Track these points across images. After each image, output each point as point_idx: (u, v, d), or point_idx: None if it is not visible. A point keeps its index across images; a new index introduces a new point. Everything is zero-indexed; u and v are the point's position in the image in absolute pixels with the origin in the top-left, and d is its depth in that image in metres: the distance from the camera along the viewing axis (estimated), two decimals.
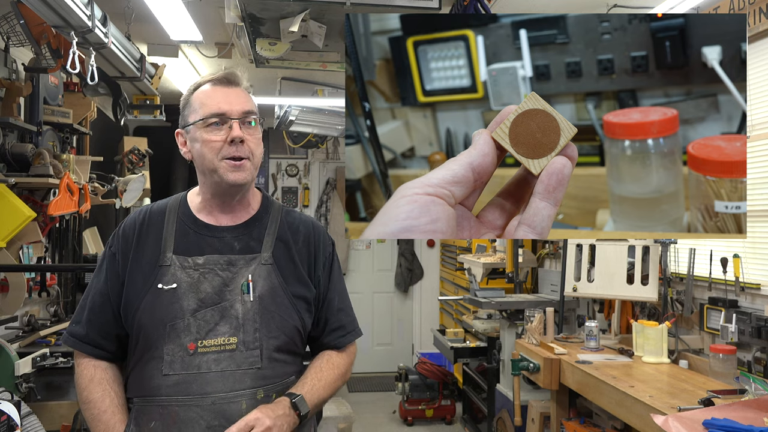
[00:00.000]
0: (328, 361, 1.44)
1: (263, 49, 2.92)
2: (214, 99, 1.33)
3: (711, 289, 2.67)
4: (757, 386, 2.09)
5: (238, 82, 1.37)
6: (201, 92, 1.35)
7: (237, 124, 1.31)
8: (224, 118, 1.31)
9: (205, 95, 1.34)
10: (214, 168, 1.32)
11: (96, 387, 1.32)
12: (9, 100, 2.83)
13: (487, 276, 4.35)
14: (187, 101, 1.37)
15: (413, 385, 4.91)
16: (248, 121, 1.34)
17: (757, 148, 2.53)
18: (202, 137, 1.32)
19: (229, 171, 1.31)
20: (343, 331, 1.48)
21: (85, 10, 2.31)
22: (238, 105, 1.32)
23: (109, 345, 1.36)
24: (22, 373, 2.38)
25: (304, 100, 4.51)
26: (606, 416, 2.77)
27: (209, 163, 1.32)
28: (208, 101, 1.33)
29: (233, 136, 1.30)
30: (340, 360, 1.46)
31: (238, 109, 1.32)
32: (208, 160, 1.32)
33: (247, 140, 1.32)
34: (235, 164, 1.31)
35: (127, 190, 3.91)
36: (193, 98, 1.36)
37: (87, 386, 1.33)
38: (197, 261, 1.33)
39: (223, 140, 1.30)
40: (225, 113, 1.31)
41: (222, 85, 1.35)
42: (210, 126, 1.31)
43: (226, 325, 1.30)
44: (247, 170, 1.33)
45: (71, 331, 1.37)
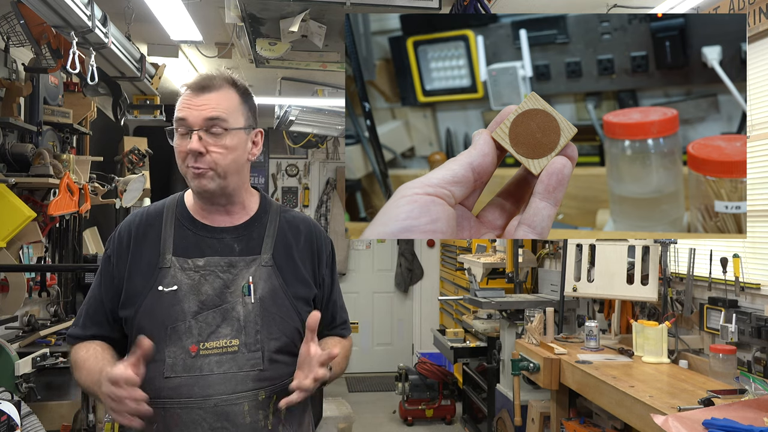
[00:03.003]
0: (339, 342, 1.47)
1: (263, 49, 2.92)
2: (181, 106, 1.30)
3: (711, 289, 2.67)
4: (757, 386, 2.09)
5: (214, 85, 1.31)
6: (181, 97, 1.33)
7: (195, 135, 1.27)
8: (186, 127, 1.29)
9: (180, 101, 1.32)
10: (184, 174, 1.33)
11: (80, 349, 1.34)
12: (9, 100, 2.83)
13: (487, 276, 4.35)
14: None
15: (413, 385, 4.91)
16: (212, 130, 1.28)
17: (757, 148, 2.53)
18: (175, 144, 1.32)
19: (193, 179, 1.31)
20: (345, 325, 1.54)
21: (85, 10, 2.31)
22: (200, 113, 1.28)
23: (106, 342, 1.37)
24: (22, 373, 2.38)
25: (304, 100, 4.51)
26: (606, 416, 2.77)
27: (180, 168, 1.33)
28: (178, 108, 1.31)
29: (189, 149, 1.27)
30: (345, 342, 1.52)
31: (200, 118, 1.27)
32: (178, 165, 1.33)
33: (210, 151, 1.28)
34: (196, 173, 1.30)
35: (127, 190, 3.91)
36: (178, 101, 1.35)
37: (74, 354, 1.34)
38: (197, 263, 1.32)
39: (186, 150, 1.29)
40: (185, 120, 1.28)
41: (193, 91, 1.30)
42: (179, 133, 1.30)
43: (227, 327, 1.30)
44: (211, 179, 1.30)
45: (71, 332, 1.39)
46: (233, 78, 1.35)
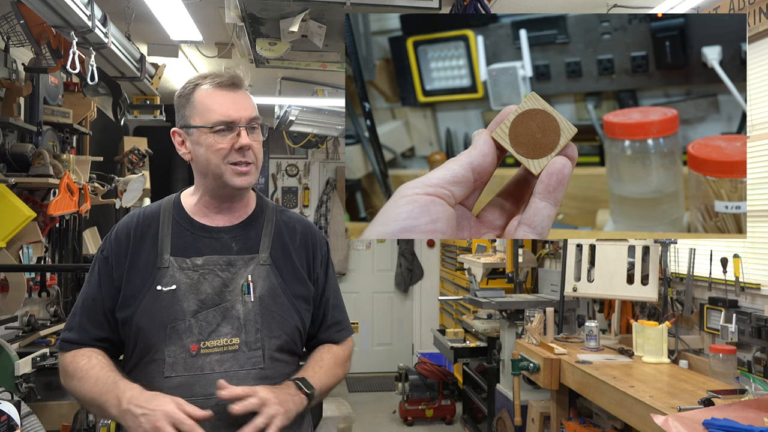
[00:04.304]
0: (327, 351, 1.45)
1: (263, 49, 2.92)
2: (222, 105, 1.30)
3: (711, 289, 2.67)
4: (757, 386, 2.09)
5: (243, 85, 1.35)
6: (205, 94, 1.32)
7: (245, 131, 1.30)
8: (232, 125, 1.30)
9: (211, 99, 1.31)
10: (220, 173, 1.31)
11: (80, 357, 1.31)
12: (9, 100, 2.83)
13: (487, 276, 4.35)
14: (188, 101, 1.33)
15: (413, 385, 4.91)
16: (253, 127, 1.33)
17: (757, 148, 2.53)
18: (207, 142, 1.30)
19: (235, 176, 1.31)
20: (339, 326, 1.50)
21: (85, 10, 2.31)
22: (245, 111, 1.31)
23: (105, 345, 1.35)
24: (22, 373, 2.38)
25: (304, 100, 4.51)
26: (606, 416, 2.77)
27: (215, 167, 1.31)
28: (216, 107, 1.30)
29: (242, 144, 1.29)
30: (338, 350, 1.47)
31: (246, 116, 1.31)
32: (214, 164, 1.31)
33: (252, 146, 1.32)
34: (241, 170, 1.31)
35: (127, 190, 3.91)
36: (196, 99, 1.32)
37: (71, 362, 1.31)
38: (196, 262, 1.32)
39: (230, 146, 1.30)
40: (234, 121, 1.30)
41: (227, 89, 1.32)
42: (219, 131, 1.30)
43: (228, 326, 1.29)
44: (252, 175, 1.33)
45: (65, 337, 1.36)
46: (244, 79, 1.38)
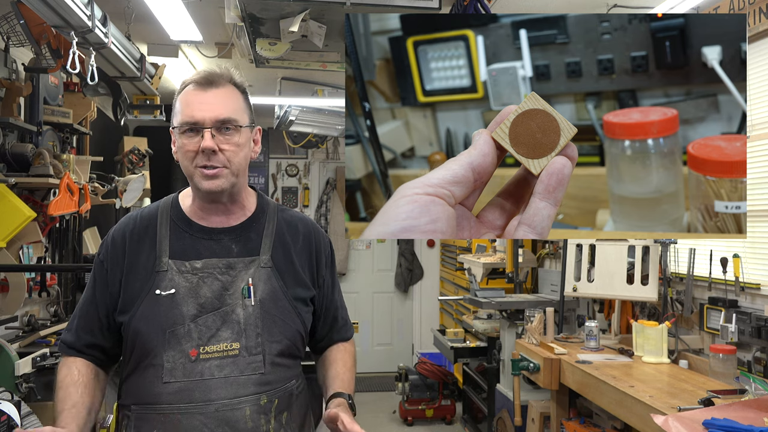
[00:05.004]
0: (346, 352, 1.51)
1: (263, 49, 2.92)
2: (188, 105, 1.27)
3: (711, 289, 2.67)
4: (757, 386, 2.09)
5: (220, 82, 1.30)
6: (184, 94, 1.30)
7: (209, 133, 1.25)
8: (197, 127, 1.26)
9: (185, 99, 1.29)
10: (190, 174, 1.29)
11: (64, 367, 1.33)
12: (9, 100, 2.83)
13: (487, 276, 4.35)
14: (175, 101, 1.33)
15: (413, 385, 4.91)
16: (227, 128, 1.27)
17: (757, 148, 2.53)
18: (179, 143, 1.28)
19: (203, 179, 1.27)
20: (347, 326, 1.55)
21: (85, 10, 2.31)
22: (212, 112, 1.26)
23: (97, 352, 1.35)
24: (22, 373, 2.37)
25: (304, 100, 4.50)
26: (606, 416, 2.77)
27: (185, 169, 1.29)
28: (183, 107, 1.28)
29: (203, 147, 1.25)
30: (353, 348, 1.55)
31: (212, 117, 1.26)
32: (184, 166, 1.29)
33: (223, 149, 1.27)
34: (207, 173, 1.27)
35: (127, 190, 3.91)
36: (178, 99, 1.31)
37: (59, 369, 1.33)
38: (195, 265, 1.29)
39: (196, 149, 1.26)
40: (198, 122, 1.25)
41: (201, 88, 1.28)
42: (185, 132, 1.27)
43: (227, 330, 1.27)
44: (224, 178, 1.28)
45: (63, 338, 1.36)
46: (233, 75, 1.34)
